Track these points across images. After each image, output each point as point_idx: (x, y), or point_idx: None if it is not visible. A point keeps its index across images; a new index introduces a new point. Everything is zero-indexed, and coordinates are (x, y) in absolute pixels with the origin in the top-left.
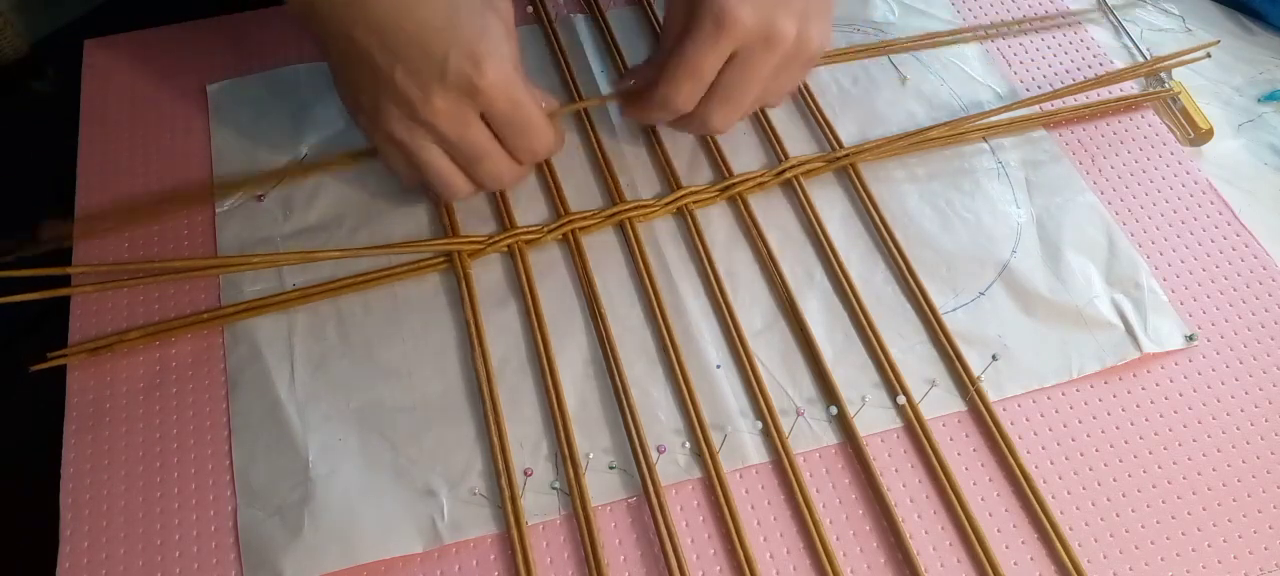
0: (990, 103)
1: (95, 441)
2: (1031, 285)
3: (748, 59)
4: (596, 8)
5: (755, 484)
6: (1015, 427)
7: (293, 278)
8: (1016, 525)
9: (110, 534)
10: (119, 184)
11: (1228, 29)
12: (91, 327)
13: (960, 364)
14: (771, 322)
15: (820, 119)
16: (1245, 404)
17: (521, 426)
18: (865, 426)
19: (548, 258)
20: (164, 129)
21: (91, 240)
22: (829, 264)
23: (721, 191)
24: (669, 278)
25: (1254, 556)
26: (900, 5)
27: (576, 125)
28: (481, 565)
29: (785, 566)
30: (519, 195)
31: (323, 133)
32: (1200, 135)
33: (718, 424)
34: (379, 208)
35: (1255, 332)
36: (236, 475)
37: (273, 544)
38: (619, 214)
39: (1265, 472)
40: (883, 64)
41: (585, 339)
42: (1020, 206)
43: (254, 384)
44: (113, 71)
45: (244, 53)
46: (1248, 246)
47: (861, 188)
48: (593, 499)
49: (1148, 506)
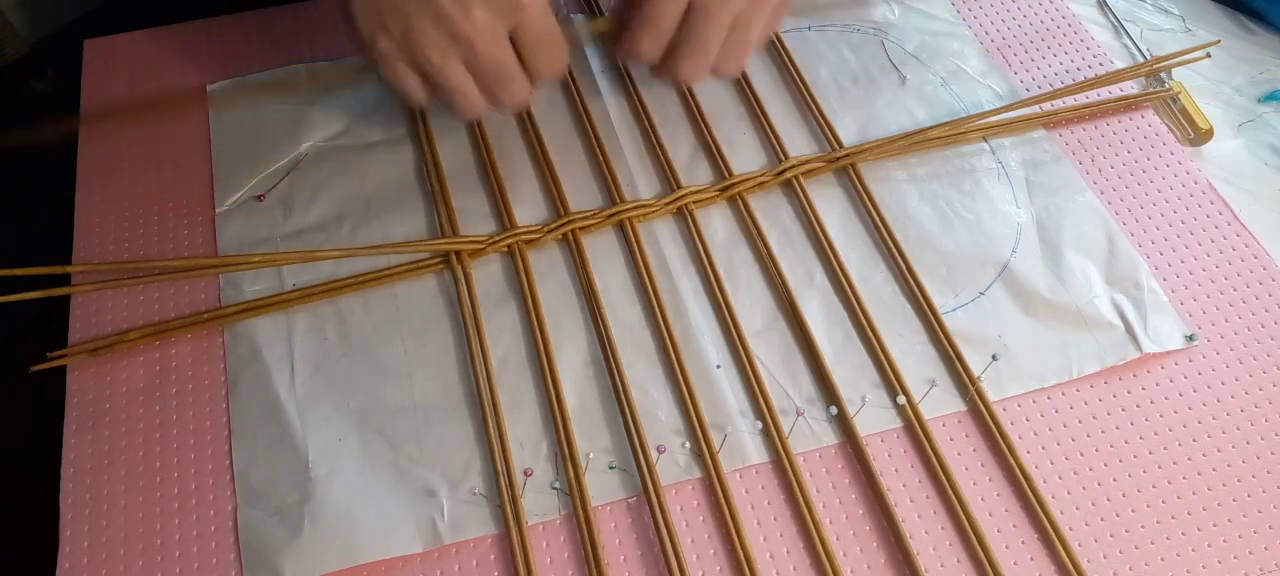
0: (990, 102)
1: (95, 441)
2: (1031, 285)
3: (705, 10)
4: (596, 8)
5: (755, 484)
6: (1015, 427)
7: (293, 277)
8: (1016, 525)
9: (110, 534)
10: (119, 184)
11: (1228, 29)
12: (91, 327)
13: (960, 364)
14: (771, 322)
15: (820, 119)
16: (1245, 404)
17: (521, 426)
18: (865, 426)
19: (547, 258)
20: (164, 129)
21: (91, 235)
22: (829, 264)
23: (721, 191)
24: (669, 278)
25: (1254, 556)
26: (900, 5)
27: (576, 125)
28: (481, 565)
29: (785, 566)
30: (519, 195)
31: (323, 132)
32: (1200, 135)
33: (718, 424)
34: (379, 208)
35: (1255, 332)
36: (236, 475)
37: (273, 544)
38: (619, 214)
39: (1265, 472)
40: (883, 64)
41: (585, 339)
42: (1020, 206)
43: (254, 384)
44: (113, 71)
45: (244, 53)
46: (1248, 246)
47: (861, 188)
48: (593, 499)
49: (1148, 506)
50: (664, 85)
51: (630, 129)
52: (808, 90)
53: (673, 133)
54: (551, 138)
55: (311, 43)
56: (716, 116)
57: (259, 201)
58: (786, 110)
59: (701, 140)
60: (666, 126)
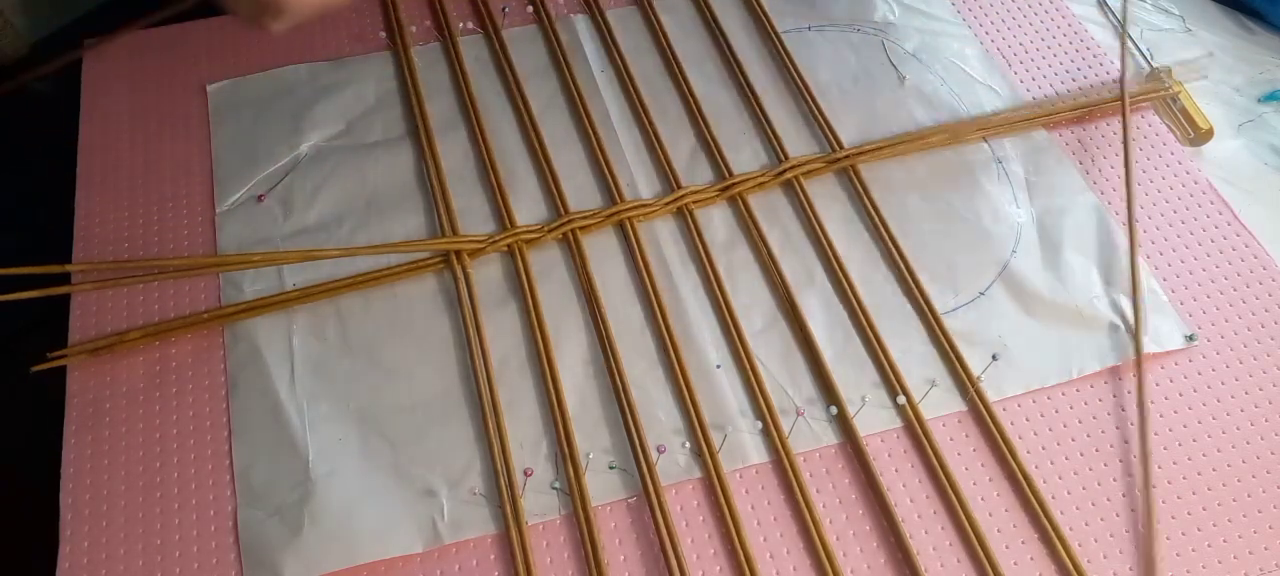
0: (990, 102)
1: (95, 441)
2: (1031, 285)
3: None
4: (596, 7)
5: (755, 484)
6: (1015, 427)
7: (293, 277)
8: (1016, 525)
9: (110, 534)
10: (119, 183)
11: (1228, 29)
12: (91, 327)
13: (960, 364)
14: (771, 322)
15: (820, 120)
16: (1245, 404)
17: (521, 426)
18: (865, 426)
19: (548, 257)
20: (164, 129)
21: (91, 235)
22: (829, 264)
23: (721, 191)
24: (669, 277)
25: (1254, 556)
26: (900, 5)
27: (577, 125)
28: (481, 565)
29: (785, 566)
30: (519, 195)
31: (323, 132)
32: (1200, 135)
33: (718, 424)
34: (379, 208)
35: (1255, 332)
36: (236, 475)
37: (273, 544)
38: (619, 214)
39: (1265, 472)
40: (883, 64)
41: (585, 339)
42: (1020, 206)
43: (254, 384)
44: (113, 71)
45: (244, 53)
46: (1248, 246)
47: (861, 188)
48: (593, 499)
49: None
50: (664, 83)
51: (630, 128)
52: (808, 90)
53: (672, 132)
54: (551, 137)
55: (311, 43)
56: (716, 116)
57: (259, 202)
58: (787, 110)
59: (701, 139)
60: (666, 126)
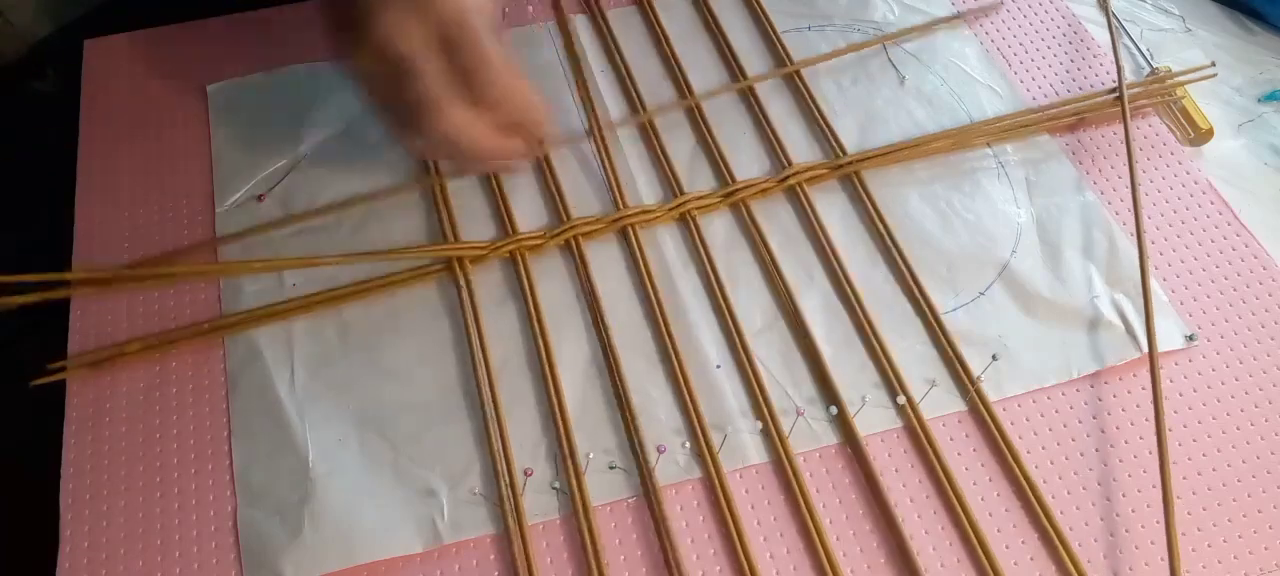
0: (990, 102)
1: (95, 442)
2: (1031, 285)
3: None
4: (596, 7)
5: (755, 484)
6: (1015, 427)
7: (293, 280)
8: (1016, 525)
9: (110, 534)
10: (119, 183)
11: (1228, 29)
12: (91, 327)
13: (960, 364)
14: (771, 322)
15: (822, 122)
16: (1245, 404)
17: (521, 426)
18: (865, 426)
19: (549, 262)
20: (164, 129)
21: (91, 236)
22: (829, 263)
23: (725, 198)
24: (669, 277)
25: (1254, 556)
26: (900, 5)
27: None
28: (481, 565)
29: (785, 566)
30: (520, 200)
31: (323, 132)
32: (1200, 135)
33: (718, 424)
34: (379, 208)
35: (1255, 332)
36: (236, 475)
37: (273, 544)
38: (622, 220)
39: (1265, 472)
40: (882, 63)
41: (585, 338)
42: (1020, 206)
43: (254, 385)
44: (113, 71)
45: (244, 53)
46: (1248, 246)
47: (862, 188)
48: (593, 499)
49: (1148, 506)
50: (665, 87)
51: (631, 133)
52: (808, 92)
53: (673, 136)
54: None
55: (311, 43)
56: (717, 120)
57: (259, 202)
58: (787, 111)
59: (702, 144)
60: (667, 130)
